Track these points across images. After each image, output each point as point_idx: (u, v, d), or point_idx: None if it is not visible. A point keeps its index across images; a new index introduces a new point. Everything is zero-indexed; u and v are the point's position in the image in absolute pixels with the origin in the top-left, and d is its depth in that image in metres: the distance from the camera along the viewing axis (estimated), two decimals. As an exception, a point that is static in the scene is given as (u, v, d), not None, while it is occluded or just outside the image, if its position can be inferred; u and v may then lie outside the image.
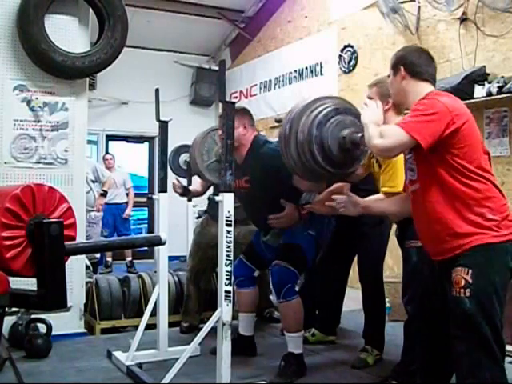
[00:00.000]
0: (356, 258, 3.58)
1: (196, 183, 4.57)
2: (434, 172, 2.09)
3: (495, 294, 2.04)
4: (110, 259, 7.18)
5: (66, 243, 1.70)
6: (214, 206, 3.61)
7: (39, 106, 3.85)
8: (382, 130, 2.11)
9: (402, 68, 2.23)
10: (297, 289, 3.21)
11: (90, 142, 7.69)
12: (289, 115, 2.54)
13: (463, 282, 2.02)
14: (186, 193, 4.26)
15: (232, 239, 2.64)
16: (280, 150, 2.61)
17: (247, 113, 3.27)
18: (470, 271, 2.02)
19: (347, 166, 2.51)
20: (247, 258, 3.39)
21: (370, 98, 2.92)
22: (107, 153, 7.64)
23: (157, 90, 3.49)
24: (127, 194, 7.47)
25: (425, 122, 2.02)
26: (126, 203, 7.42)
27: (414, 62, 2.23)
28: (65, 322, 3.78)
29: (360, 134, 2.34)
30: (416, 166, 2.16)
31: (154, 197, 3.53)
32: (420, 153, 2.07)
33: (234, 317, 3.62)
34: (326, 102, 2.47)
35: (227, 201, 2.61)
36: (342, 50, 6.47)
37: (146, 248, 7.06)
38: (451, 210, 2.07)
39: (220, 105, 2.84)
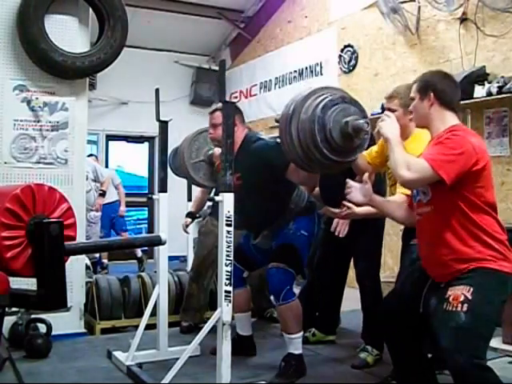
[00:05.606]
0: (353, 257, 3.59)
1: (197, 189, 4.60)
2: (448, 200, 2.17)
3: (491, 313, 2.11)
4: (105, 260, 7.12)
5: (66, 243, 1.70)
6: (216, 207, 3.63)
7: (39, 106, 3.85)
8: (409, 161, 2.14)
9: (431, 94, 2.26)
10: (296, 290, 3.21)
11: (89, 141, 7.68)
12: (294, 97, 2.54)
13: (462, 298, 2.06)
14: (192, 217, 4.44)
15: (232, 239, 2.64)
16: (279, 130, 2.58)
17: (237, 109, 3.24)
18: (472, 289, 2.07)
19: (346, 154, 2.47)
20: (235, 260, 3.37)
21: (391, 110, 2.93)
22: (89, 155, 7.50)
23: (157, 90, 3.49)
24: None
25: (452, 162, 2.09)
26: (118, 201, 7.30)
27: (445, 90, 2.27)
28: (65, 322, 3.78)
29: (363, 121, 2.35)
30: (430, 191, 2.21)
31: (154, 197, 3.52)
32: (438, 181, 2.12)
33: (233, 317, 3.62)
34: (332, 91, 2.50)
35: (227, 201, 2.61)
36: (342, 50, 6.47)
37: (145, 248, 7.04)
38: (460, 236, 2.16)
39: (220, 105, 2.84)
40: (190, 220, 4.45)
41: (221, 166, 2.69)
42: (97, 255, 6.49)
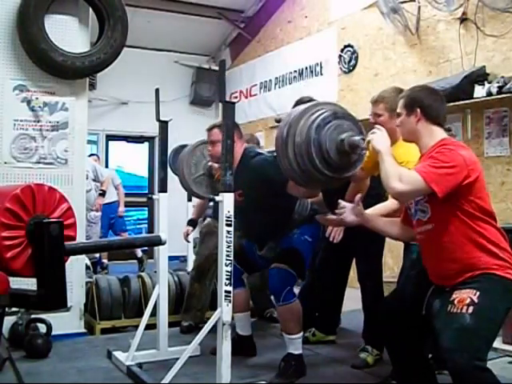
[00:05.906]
0: (355, 258, 3.59)
1: None
2: (449, 214, 2.18)
3: (496, 318, 2.11)
4: (105, 260, 7.13)
5: (66, 243, 1.70)
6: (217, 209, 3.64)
7: (39, 106, 3.85)
8: (401, 173, 2.15)
9: (418, 110, 2.27)
10: (295, 290, 3.21)
11: (90, 141, 7.68)
12: (287, 118, 2.52)
13: (468, 300, 2.06)
14: (194, 224, 4.42)
15: (232, 239, 2.64)
16: (276, 153, 2.58)
17: (235, 125, 3.26)
18: (478, 293, 2.08)
19: (344, 170, 2.47)
20: (236, 261, 3.38)
21: (377, 114, 2.93)
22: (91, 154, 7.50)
23: (157, 90, 3.49)
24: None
25: (444, 175, 2.11)
26: (117, 201, 7.29)
27: (431, 106, 2.28)
28: (65, 322, 3.78)
29: (358, 137, 2.34)
30: (429, 208, 2.22)
31: (154, 197, 3.53)
32: (434, 197, 2.14)
33: (232, 317, 3.62)
34: (324, 107, 2.46)
35: (227, 201, 2.61)
36: (342, 50, 6.47)
37: (145, 248, 7.05)
38: (465, 248, 2.17)
39: (220, 105, 2.84)
40: (191, 228, 4.43)
41: (221, 167, 2.69)
42: (97, 255, 6.49)
